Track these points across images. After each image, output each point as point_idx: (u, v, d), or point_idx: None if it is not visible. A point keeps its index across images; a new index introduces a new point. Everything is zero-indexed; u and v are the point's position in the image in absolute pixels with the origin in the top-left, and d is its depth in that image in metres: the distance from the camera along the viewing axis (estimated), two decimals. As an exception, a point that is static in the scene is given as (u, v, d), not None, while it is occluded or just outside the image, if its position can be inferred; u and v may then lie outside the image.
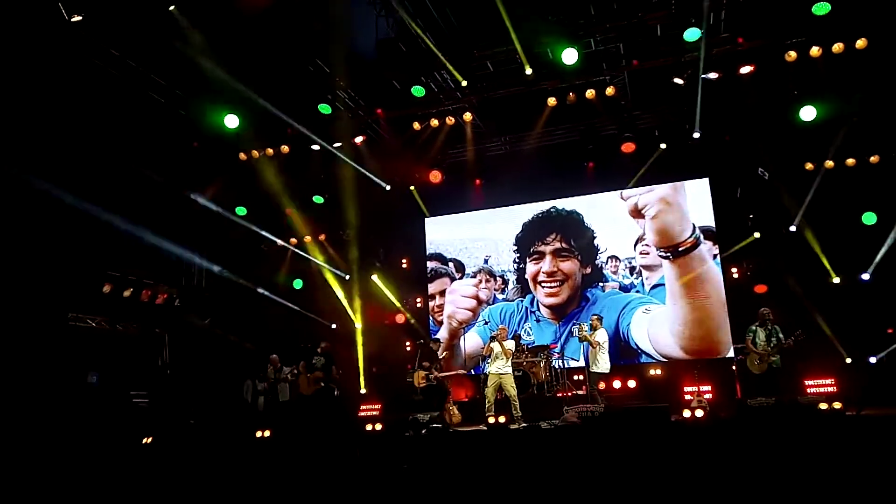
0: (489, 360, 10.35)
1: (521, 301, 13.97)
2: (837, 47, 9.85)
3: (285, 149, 12.37)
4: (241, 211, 13.19)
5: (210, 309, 13.75)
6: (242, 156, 12.43)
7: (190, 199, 12.45)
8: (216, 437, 10.81)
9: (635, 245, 13.30)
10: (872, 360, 10.86)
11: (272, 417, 11.30)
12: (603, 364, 10.48)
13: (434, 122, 12.13)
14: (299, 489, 6.61)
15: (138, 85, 10.78)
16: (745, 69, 10.41)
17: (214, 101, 10.94)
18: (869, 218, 11.23)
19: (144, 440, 10.55)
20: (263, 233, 13.68)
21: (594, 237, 13.69)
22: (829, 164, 11.45)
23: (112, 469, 8.51)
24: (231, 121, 11.13)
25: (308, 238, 14.17)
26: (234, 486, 7.02)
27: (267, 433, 10.48)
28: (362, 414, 12.27)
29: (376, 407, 12.40)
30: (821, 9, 9.21)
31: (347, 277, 14.28)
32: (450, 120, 12.07)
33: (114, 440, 10.56)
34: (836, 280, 11.43)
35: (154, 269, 12.91)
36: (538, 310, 13.77)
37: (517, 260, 14.17)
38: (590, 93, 11.15)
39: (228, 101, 10.98)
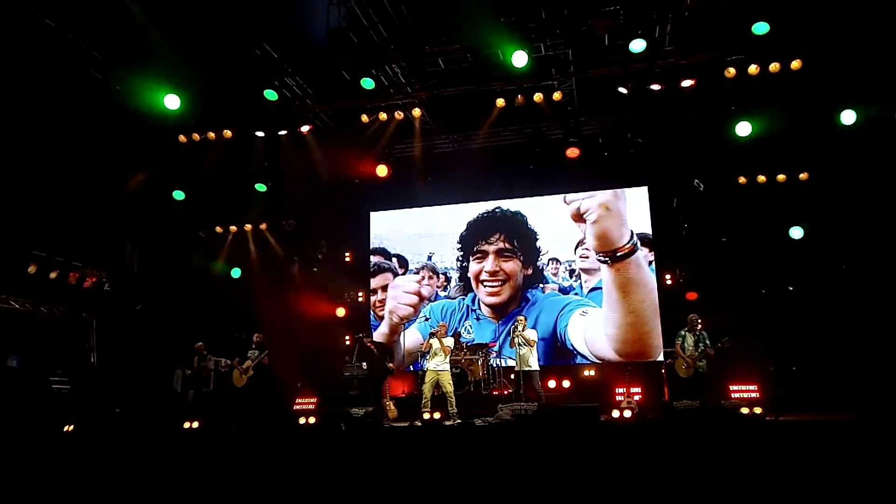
0: (428, 357, 10.38)
1: (463, 299, 14.06)
2: (774, 66, 10.26)
3: (228, 133, 12.04)
4: (178, 195, 12.78)
5: (142, 294, 13.31)
6: (182, 138, 12.05)
7: (125, 181, 12.00)
8: (141, 427, 10.48)
9: (576, 248, 13.56)
10: (794, 368, 11.38)
11: (201, 408, 11.04)
12: (535, 362, 10.69)
13: (382, 116, 12.02)
14: (224, 481, 6.47)
15: (75, 59, 10.31)
16: (687, 83, 10.73)
17: (155, 79, 10.55)
18: (796, 232, 11.74)
19: (66, 428, 10.16)
20: (202, 218, 13.32)
21: (537, 239, 13.89)
22: (762, 178, 11.93)
23: (30, 457, 8.15)
24: (172, 101, 10.76)
25: (248, 226, 13.87)
26: (157, 476, 6.82)
27: (196, 424, 10.23)
28: (297, 407, 12.09)
29: (312, 400, 12.24)
30: (760, 28, 9.58)
31: (288, 268, 14.05)
32: (398, 114, 12.00)
33: (33, 427, 10.14)
34: (764, 290, 11.92)
35: (83, 251, 12.41)
36: (479, 308, 13.89)
37: (460, 258, 14.24)
38: (538, 96, 11.27)
39: (171, 80, 10.62)
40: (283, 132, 12.14)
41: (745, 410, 8.95)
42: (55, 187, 11.15)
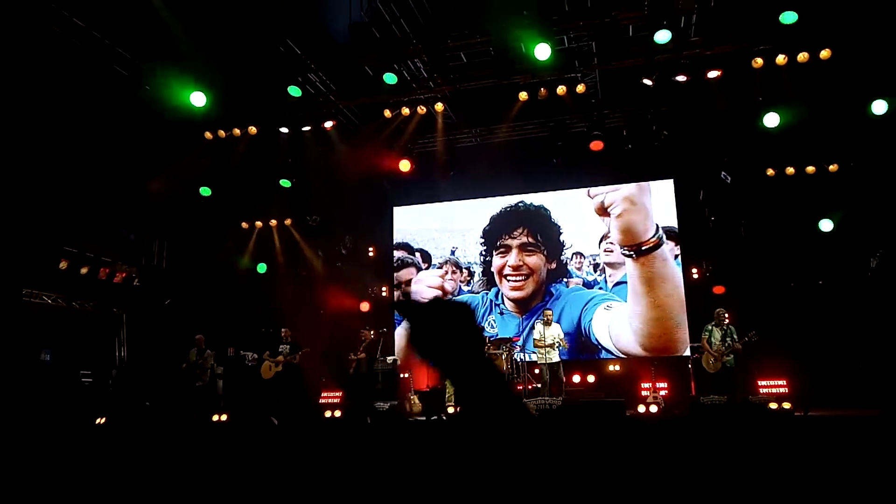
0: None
1: (486, 294, 14.04)
2: (802, 56, 10.08)
3: (253, 130, 12.17)
4: (205, 191, 12.97)
5: (170, 290, 13.52)
6: (208, 135, 12.20)
7: (153, 177, 12.19)
8: (171, 420, 10.67)
9: (600, 242, 13.45)
10: (825, 362, 11.18)
11: (190, 403, 11.21)
12: (554, 355, 10.71)
13: (405, 111, 12.06)
14: (252, 474, 6.57)
15: (101, 57, 10.48)
16: (713, 74, 10.58)
17: (181, 77, 10.69)
18: (826, 225, 11.53)
19: (98, 421, 10.38)
20: (228, 214, 13.50)
21: (560, 233, 13.81)
22: (790, 170, 11.74)
23: (64, 449, 8.34)
24: (198, 98, 10.89)
25: (274, 222, 14.02)
26: (184, 469, 6.94)
27: (224, 417, 10.39)
28: (323, 401, 12.22)
29: (337, 394, 12.35)
30: (788, 18, 9.41)
31: (313, 264, 14.18)
32: (421, 109, 12.01)
33: (66, 420, 10.37)
34: (792, 284, 11.73)
35: (113, 247, 12.64)
36: (502, 303, 13.86)
37: (484, 252, 14.22)
38: (561, 89, 11.21)
39: (196, 78, 10.75)
40: (306, 128, 12.23)
41: (773, 406, 8.84)
42: (85, 184, 11.35)
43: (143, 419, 10.73)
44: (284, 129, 12.18)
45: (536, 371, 12.33)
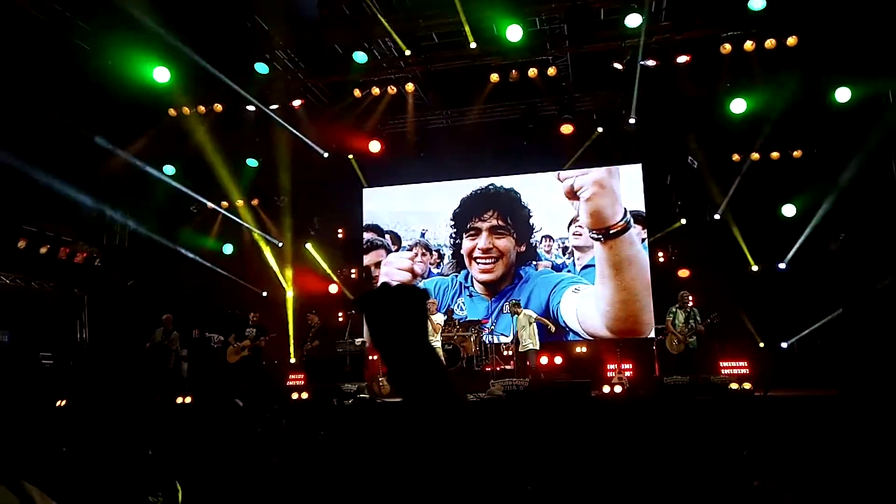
0: (419, 334, 10.37)
1: (456, 276, 14.05)
2: (770, 43, 10.21)
3: (218, 107, 11.92)
4: (169, 170, 12.68)
5: (133, 270, 13.25)
6: (172, 112, 11.91)
7: (115, 154, 11.87)
8: (134, 402, 10.50)
9: (569, 226, 13.54)
10: (784, 345, 11.49)
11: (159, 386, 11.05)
12: (533, 342, 10.73)
13: (375, 91, 11.94)
14: (214, 456, 6.50)
15: (62, 30, 10.13)
16: (682, 59, 10.66)
17: (145, 51, 10.38)
18: (788, 210, 11.76)
19: (58, 403, 10.16)
20: (193, 194, 13.22)
21: (530, 216, 13.86)
22: (755, 156, 11.93)
23: (24, 431, 8.16)
24: (161, 74, 10.60)
25: (240, 202, 13.79)
26: (146, 450, 6.84)
27: (188, 399, 10.27)
28: (290, 383, 12.15)
29: (300, 376, 12.29)
30: (756, 4, 9.50)
31: (280, 245, 14.02)
32: (391, 89, 11.90)
33: (26, 401, 10.13)
34: (755, 268, 11.97)
35: (74, 226, 12.32)
36: (472, 285, 13.89)
37: (454, 235, 14.20)
38: (532, 72, 11.20)
39: (160, 52, 10.46)
40: (274, 106, 12.02)
41: (734, 386, 9.04)
42: (43, 162, 11.01)
43: (104, 401, 10.54)
44: (251, 107, 11.94)
45: (505, 353, 12.44)
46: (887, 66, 10.32)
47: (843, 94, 10.67)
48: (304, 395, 10.23)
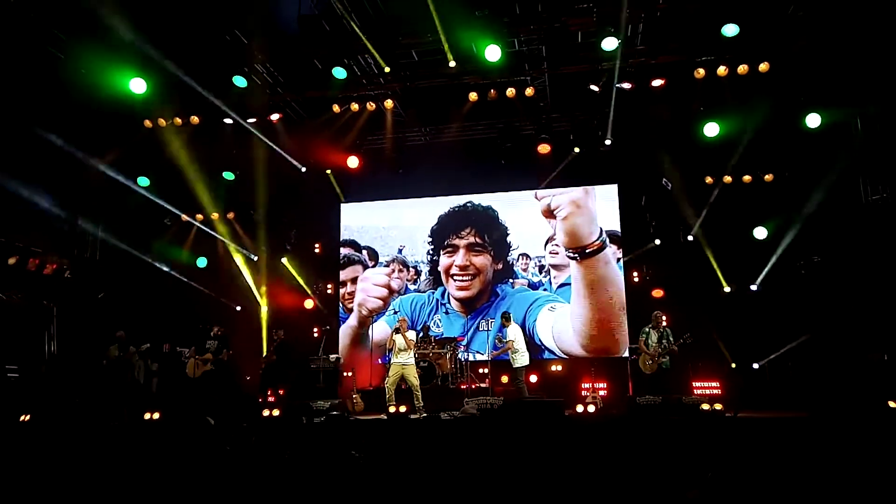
0: (393, 352, 10.33)
1: (433, 293, 14.03)
2: (742, 69, 10.43)
3: (195, 120, 11.83)
4: (143, 181, 12.54)
5: (104, 283, 13.02)
6: (148, 123, 11.80)
7: (88, 165, 11.71)
8: (101, 417, 10.28)
9: (545, 244, 13.62)
10: (755, 366, 11.61)
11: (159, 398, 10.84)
12: (522, 358, 10.70)
13: (354, 107, 11.95)
14: (185, 473, 6.37)
15: (35, 37, 10.00)
16: (657, 82, 10.85)
17: (121, 62, 10.29)
18: (760, 232, 11.95)
19: (22, 417, 9.91)
20: (168, 206, 13.08)
21: (507, 234, 13.93)
22: (728, 178, 12.14)
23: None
24: (138, 85, 10.51)
25: (216, 215, 13.66)
26: (113, 467, 6.68)
27: (156, 415, 10.07)
28: (261, 399, 11.97)
29: (277, 392, 12.12)
30: (729, 31, 9.72)
31: (255, 259, 13.90)
32: (370, 106, 11.92)
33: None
34: (727, 289, 12.12)
35: (44, 237, 12.09)
36: (448, 302, 13.88)
37: (431, 252, 14.21)
38: (510, 91, 11.30)
39: (136, 63, 10.37)
40: (252, 120, 11.97)
41: (705, 406, 9.10)
42: (14, 171, 10.82)
43: (70, 416, 10.29)
44: (229, 120, 11.87)
45: (480, 370, 12.41)
46: (856, 92, 10.60)
47: (813, 120, 10.92)
48: (276, 412, 10.08)
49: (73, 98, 10.81)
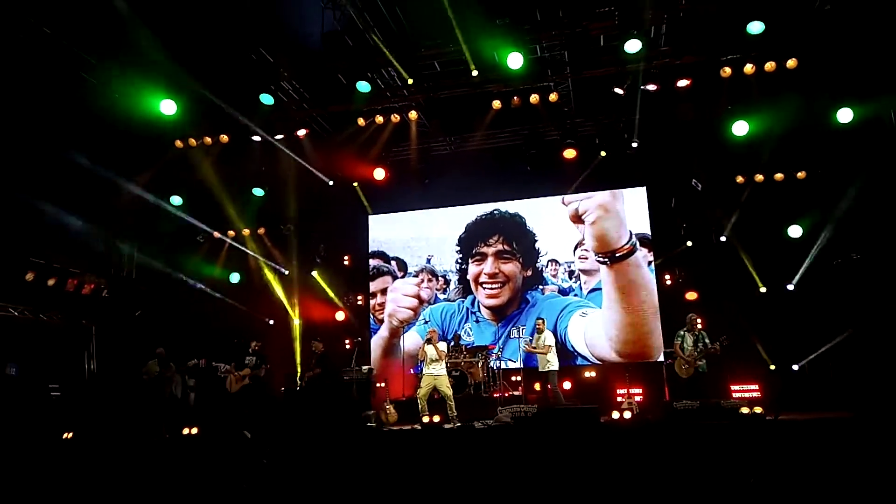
0: (425, 363, 10.31)
1: (462, 301, 14.03)
2: (770, 65, 10.26)
3: (224, 138, 12.05)
4: (176, 200, 12.81)
5: (141, 301, 13.30)
6: (179, 143, 12.06)
7: (121, 186, 12.00)
8: (141, 433, 10.47)
9: (574, 250, 13.53)
10: (795, 367, 11.36)
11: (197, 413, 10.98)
12: (553, 363, 10.64)
13: (379, 119, 12.05)
14: (222, 486, 6.46)
15: (68, 63, 10.31)
16: (683, 83, 10.73)
17: (151, 84, 10.55)
18: (794, 231, 11.72)
19: (65, 435, 10.15)
20: (200, 224, 13.33)
21: (535, 240, 13.87)
22: (759, 177, 11.94)
23: (31, 464, 8.14)
24: (168, 106, 10.76)
25: (247, 231, 13.88)
26: (153, 482, 6.81)
27: (195, 430, 10.22)
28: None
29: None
30: (755, 28, 9.58)
31: (286, 273, 14.06)
32: (395, 117, 12.00)
33: (33, 434, 10.13)
34: (763, 289, 11.90)
35: (81, 258, 12.41)
36: (479, 310, 13.85)
37: (459, 260, 14.22)
38: (534, 98, 11.28)
39: (166, 85, 10.63)
40: (279, 136, 12.14)
41: (745, 410, 8.92)
42: (52, 194, 11.14)
43: (111, 433, 10.50)
44: (257, 138, 12.07)
45: (513, 378, 12.35)
46: (888, 85, 10.35)
47: (844, 115, 10.68)
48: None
49: (107, 121, 11.10)
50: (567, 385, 12.46)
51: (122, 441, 9.83)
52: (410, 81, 11.04)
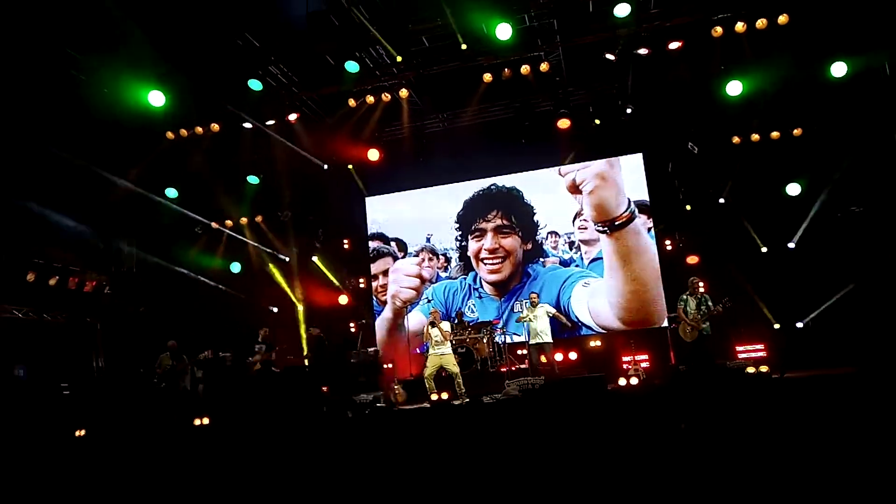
0: (431, 344, 10.32)
1: (464, 278, 14.03)
2: (761, 23, 10.13)
3: (215, 127, 11.95)
4: (171, 193, 12.75)
5: (143, 296, 13.31)
6: (170, 135, 11.96)
7: (115, 181, 11.93)
8: (152, 427, 10.52)
9: (574, 220, 13.49)
10: (799, 324, 11.38)
11: (206, 403, 11.04)
12: (544, 336, 10.68)
13: (370, 99, 11.93)
14: (237, 474, 6.50)
15: (57, 62, 10.20)
16: (674, 45, 10.61)
17: (138, 76, 10.44)
18: (793, 189, 11.67)
19: (78, 433, 10.21)
20: (196, 216, 13.29)
21: (534, 213, 13.82)
22: (755, 137, 11.85)
23: (45, 463, 8.18)
24: (156, 98, 10.66)
25: (244, 220, 13.84)
26: (170, 474, 6.85)
27: (206, 421, 10.27)
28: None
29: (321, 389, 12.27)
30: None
31: (287, 260, 14.05)
32: (386, 96, 11.88)
33: (45, 434, 10.19)
34: (764, 249, 11.88)
35: (81, 256, 12.39)
36: (481, 286, 13.86)
37: (459, 238, 14.19)
38: (525, 68, 11.16)
39: (153, 76, 10.52)
40: (270, 122, 12.05)
41: (750, 370, 8.95)
42: (46, 194, 11.09)
43: (123, 428, 10.57)
44: (248, 125, 11.97)
45: (518, 352, 12.39)
46: (882, 37, 10.22)
47: (839, 69, 10.56)
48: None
49: (96, 117, 11.01)
50: (573, 356, 12.51)
51: (135, 435, 9.89)
52: (399, 59, 10.94)
